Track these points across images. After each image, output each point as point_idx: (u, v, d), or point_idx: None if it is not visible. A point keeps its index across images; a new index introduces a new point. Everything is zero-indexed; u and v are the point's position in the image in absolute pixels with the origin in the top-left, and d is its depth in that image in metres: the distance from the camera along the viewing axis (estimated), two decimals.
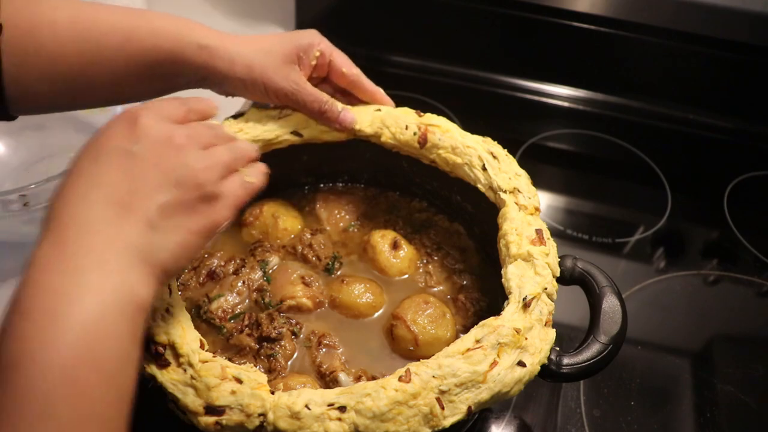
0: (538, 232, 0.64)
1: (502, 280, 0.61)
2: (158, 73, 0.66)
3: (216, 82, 0.69)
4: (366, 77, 0.76)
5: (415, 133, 0.73)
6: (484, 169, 0.70)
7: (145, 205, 0.45)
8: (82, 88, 0.65)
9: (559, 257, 0.63)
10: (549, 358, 0.56)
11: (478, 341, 0.54)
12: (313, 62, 0.71)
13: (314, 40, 0.72)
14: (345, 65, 0.74)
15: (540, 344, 0.55)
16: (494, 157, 0.71)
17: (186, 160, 0.48)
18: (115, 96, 0.69)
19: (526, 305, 0.57)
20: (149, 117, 0.48)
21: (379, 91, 0.76)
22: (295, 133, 0.74)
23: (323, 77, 0.75)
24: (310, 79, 0.73)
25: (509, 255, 0.63)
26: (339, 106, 0.73)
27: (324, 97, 0.71)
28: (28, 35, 0.59)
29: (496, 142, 0.73)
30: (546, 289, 0.58)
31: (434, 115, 0.75)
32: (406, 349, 0.67)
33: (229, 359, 0.59)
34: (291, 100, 0.71)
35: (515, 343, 0.54)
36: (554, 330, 0.57)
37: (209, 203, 0.49)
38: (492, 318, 0.56)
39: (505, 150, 0.73)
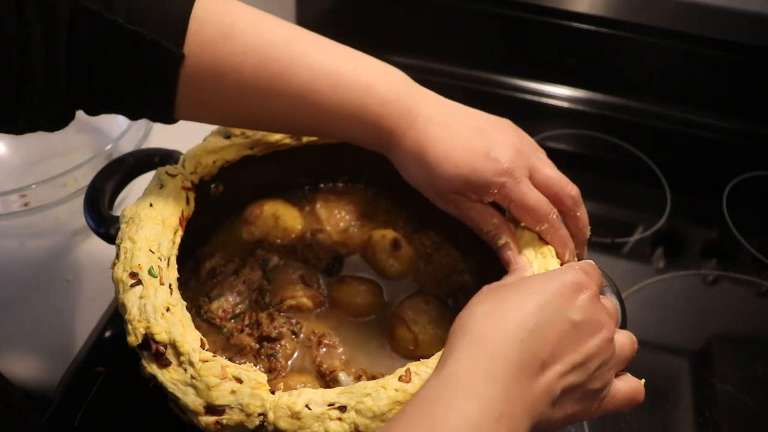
0: None
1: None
2: (335, 148, 0.66)
3: (388, 153, 0.63)
4: (556, 230, 0.60)
5: None
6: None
7: (558, 375, 0.45)
8: (254, 127, 0.67)
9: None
10: None
11: None
12: (486, 201, 0.60)
13: (490, 185, 0.58)
14: (525, 220, 0.60)
15: None
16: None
17: (607, 355, 0.48)
18: (275, 129, 0.68)
19: None
20: (596, 298, 0.49)
21: (563, 255, 0.61)
22: (295, 136, 0.74)
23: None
24: None
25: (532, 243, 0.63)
26: (501, 240, 0.61)
27: (486, 227, 0.61)
28: (209, 77, 0.56)
29: None
30: None
31: None
32: (406, 349, 0.67)
33: (230, 359, 0.59)
34: (455, 215, 0.63)
35: None
36: None
37: (596, 398, 0.49)
38: None
39: None
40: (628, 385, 0.52)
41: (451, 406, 0.41)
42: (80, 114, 0.99)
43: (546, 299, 0.47)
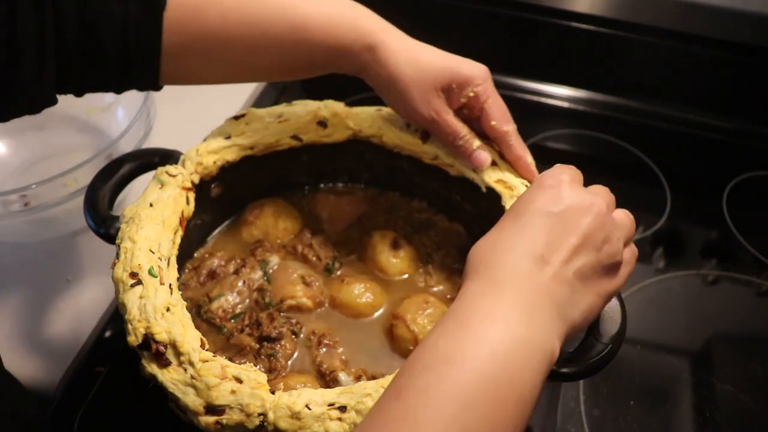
0: None
1: None
2: (319, 64, 0.66)
3: (366, 79, 0.68)
4: (517, 136, 0.69)
5: (416, 130, 0.74)
6: (493, 164, 0.70)
7: (562, 262, 0.47)
8: (239, 70, 0.66)
9: None
10: None
11: None
12: (463, 100, 0.67)
13: (475, 78, 0.66)
14: (497, 117, 0.68)
15: None
16: (501, 156, 0.72)
17: (608, 230, 0.50)
18: (268, 78, 0.71)
19: None
20: (571, 185, 0.51)
21: (524, 158, 0.69)
22: (295, 137, 0.74)
23: (475, 118, 0.69)
24: (459, 111, 0.69)
25: None
26: (475, 143, 0.68)
27: (462, 131, 0.67)
28: (192, 15, 0.59)
29: None
30: None
31: None
32: (406, 348, 0.67)
33: (230, 359, 0.59)
34: (426, 125, 0.69)
35: None
36: None
37: (616, 270, 0.51)
38: None
39: None
40: (630, 251, 0.54)
41: (473, 310, 0.45)
42: (80, 114, 0.99)
43: (520, 211, 0.50)
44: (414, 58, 0.65)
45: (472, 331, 0.43)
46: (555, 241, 0.47)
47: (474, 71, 0.66)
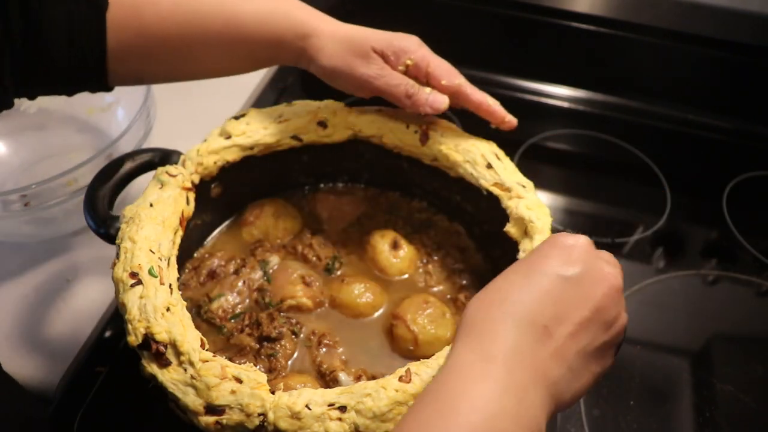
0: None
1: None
2: (258, 56, 0.69)
3: (306, 67, 0.70)
4: (471, 85, 0.70)
5: (416, 132, 0.74)
6: (488, 167, 0.70)
7: (567, 337, 0.43)
8: (182, 66, 0.68)
9: None
10: None
11: None
12: (401, 68, 0.68)
13: (410, 46, 0.68)
14: (444, 75, 0.69)
15: None
16: (498, 158, 0.72)
17: (618, 307, 0.46)
18: (212, 73, 0.71)
19: None
20: (589, 250, 0.47)
21: (485, 101, 0.70)
22: (295, 137, 0.74)
23: (423, 83, 0.70)
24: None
25: (532, 233, 0.64)
26: (426, 90, 0.68)
27: (410, 81, 0.68)
28: (131, 14, 0.61)
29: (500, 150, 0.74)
30: None
31: (436, 116, 0.75)
32: (406, 348, 0.67)
33: (230, 359, 0.59)
34: (375, 86, 0.68)
35: None
36: None
37: (612, 350, 0.48)
38: None
39: (508, 157, 0.73)
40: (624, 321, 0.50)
41: (457, 392, 0.41)
42: (80, 114, 0.99)
43: (531, 267, 0.46)
44: (347, 35, 0.68)
45: (454, 420, 0.39)
46: (563, 312, 0.43)
47: (407, 42, 0.68)
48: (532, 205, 0.66)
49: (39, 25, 0.57)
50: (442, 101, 0.68)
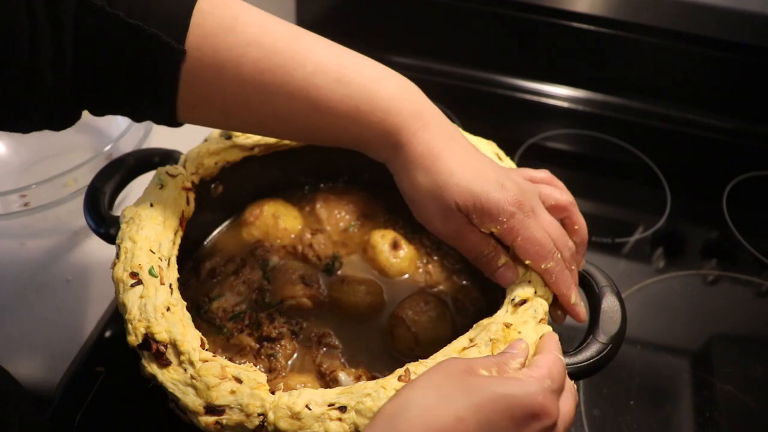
0: None
1: None
2: (343, 145, 0.61)
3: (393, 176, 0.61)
4: (561, 268, 0.58)
5: None
6: None
7: None
8: (257, 129, 0.62)
9: None
10: None
11: (471, 340, 0.55)
12: (485, 231, 0.57)
13: (499, 214, 0.55)
14: (530, 257, 0.57)
15: (535, 337, 0.55)
16: (499, 158, 0.72)
17: None
18: (284, 139, 0.69)
19: (516, 306, 0.57)
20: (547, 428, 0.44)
21: (567, 296, 0.58)
22: None
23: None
24: None
25: None
26: (500, 261, 0.58)
27: (486, 249, 0.58)
28: (211, 71, 0.55)
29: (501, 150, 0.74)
30: (536, 292, 0.58)
31: None
32: (406, 348, 0.67)
33: (230, 359, 0.59)
34: (448, 241, 0.59)
35: (506, 338, 0.54)
36: (550, 326, 0.57)
37: None
38: (485, 319, 0.56)
39: (508, 157, 0.73)
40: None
41: None
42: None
43: (490, 417, 0.42)
44: (435, 169, 0.55)
45: None
46: None
47: (500, 205, 0.54)
48: None
49: (107, 62, 0.54)
50: (510, 279, 0.59)
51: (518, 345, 0.51)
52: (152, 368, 0.53)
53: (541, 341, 0.53)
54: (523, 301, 0.57)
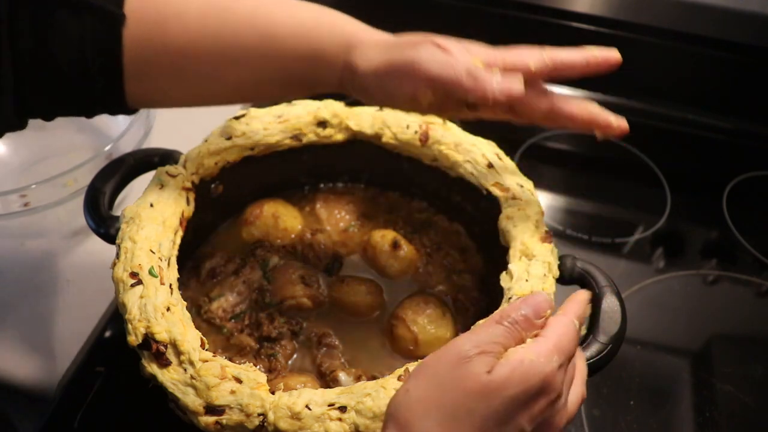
0: (548, 232, 0.65)
1: (500, 281, 0.61)
2: (293, 75, 0.59)
3: (349, 87, 0.59)
4: (566, 99, 0.59)
5: (416, 132, 0.74)
6: (490, 166, 0.70)
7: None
8: (210, 87, 0.60)
9: (558, 257, 0.63)
10: None
11: None
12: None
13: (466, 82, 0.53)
14: (527, 56, 0.55)
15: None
16: (500, 158, 0.72)
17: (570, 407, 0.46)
18: (246, 97, 0.65)
19: None
20: (552, 401, 0.43)
21: (585, 107, 0.58)
22: (295, 138, 0.74)
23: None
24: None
25: (518, 249, 0.63)
26: (495, 72, 0.53)
27: (474, 60, 0.54)
28: (153, 28, 0.54)
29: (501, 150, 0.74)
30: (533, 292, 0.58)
31: (436, 116, 0.75)
32: (406, 348, 0.67)
33: (230, 359, 0.59)
34: (425, 70, 0.54)
35: None
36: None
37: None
38: (485, 319, 0.56)
39: (508, 157, 0.73)
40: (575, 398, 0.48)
41: None
42: None
43: (498, 410, 0.41)
44: (395, 37, 0.58)
45: None
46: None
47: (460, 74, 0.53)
48: (512, 213, 0.66)
49: (48, 43, 0.52)
50: (515, 82, 0.53)
51: (538, 305, 0.46)
52: (152, 368, 0.53)
53: (567, 300, 0.50)
54: None
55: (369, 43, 0.57)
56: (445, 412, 0.41)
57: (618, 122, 0.59)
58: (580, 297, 0.50)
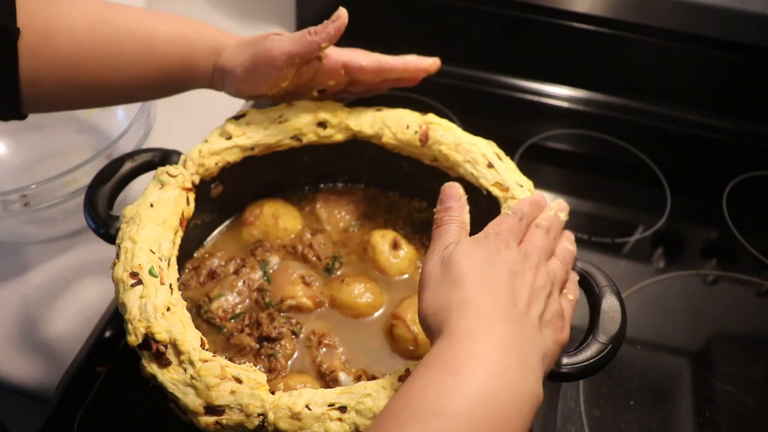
0: None
1: None
2: (172, 79, 0.68)
3: (221, 85, 0.70)
4: (387, 57, 0.73)
5: (416, 132, 0.74)
6: (490, 166, 0.70)
7: (528, 315, 0.49)
8: (98, 91, 0.66)
9: None
10: None
11: None
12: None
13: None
14: (361, 59, 0.71)
15: None
16: (500, 158, 0.72)
17: (544, 281, 0.52)
18: (129, 98, 0.72)
19: None
20: (508, 242, 0.53)
21: (406, 60, 0.74)
22: (295, 138, 0.74)
23: (343, 87, 0.75)
24: (326, 90, 0.74)
25: None
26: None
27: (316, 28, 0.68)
28: (45, 41, 0.60)
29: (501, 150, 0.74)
30: None
31: (436, 116, 0.75)
32: (406, 348, 0.67)
33: (230, 359, 0.59)
34: (279, 51, 0.66)
35: None
36: None
37: (561, 318, 0.53)
38: None
39: (508, 157, 0.73)
40: (567, 302, 0.56)
41: (462, 352, 0.44)
42: (80, 114, 0.99)
43: (488, 260, 0.51)
44: (251, 37, 0.69)
45: (464, 381, 0.42)
46: (517, 297, 0.49)
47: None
48: None
49: None
50: (339, 15, 0.68)
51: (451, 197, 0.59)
52: (152, 368, 0.53)
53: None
54: None
55: (232, 44, 0.68)
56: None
57: (430, 62, 0.76)
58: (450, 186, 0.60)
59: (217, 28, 0.70)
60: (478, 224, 0.77)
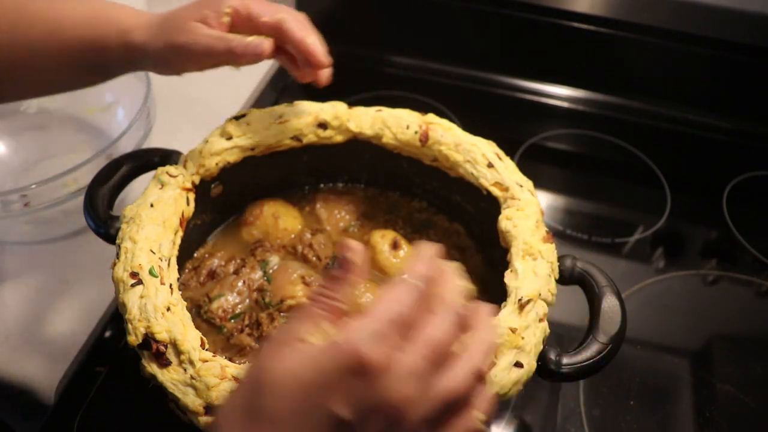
0: (548, 232, 0.65)
1: (504, 279, 0.61)
2: (88, 64, 0.66)
3: (142, 66, 0.67)
4: (297, 20, 0.65)
5: (416, 132, 0.74)
6: (490, 166, 0.70)
7: None
8: (15, 79, 0.65)
9: (558, 257, 0.63)
10: (548, 358, 0.56)
11: None
12: (225, 20, 0.63)
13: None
14: (265, 12, 0.63)
15: (535, 340, 0.56)
16: (500, 158, 0.72)
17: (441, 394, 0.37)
18: (50, 87, 0.70)
19: (521, 306, 0.57)
20: (378, 376, 0.35)
21: (306, 38, 0.64)
22: (295, 138, 0.74)
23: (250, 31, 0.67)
24: None
25: (520, 249, 0.63)
26: (248, 38, 0.63)
27: (229, 35, 0.63)
28: None
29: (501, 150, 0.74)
30: (541, 294, 0.58)
31: (436, 116, 0.75)
32: None
33: (230, 359, 0.59)
34: (196, 52, 0.63)
35: (511, 342, 0.54)
36: (546, 323, 0.57)
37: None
38: None
39: (508, 157, 0.73)
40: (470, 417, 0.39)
41: None
42: (80, 114, 0.99)
43: (300, 391, 0.35)
44: (161, 18, 0.65)
45: None
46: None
47: None
48: (512, 214, 0.66)
49: None
50: (261, 44, 0.62)
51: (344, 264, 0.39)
52: (152, 368, 0.53)
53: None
54: (529, 301, 0.57)
55: (143, 25, 0.65)
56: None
57: (326, 71, 0.67)
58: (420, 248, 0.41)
59: (129, 7, 0.67)
60: (478, 223, 0.77)
